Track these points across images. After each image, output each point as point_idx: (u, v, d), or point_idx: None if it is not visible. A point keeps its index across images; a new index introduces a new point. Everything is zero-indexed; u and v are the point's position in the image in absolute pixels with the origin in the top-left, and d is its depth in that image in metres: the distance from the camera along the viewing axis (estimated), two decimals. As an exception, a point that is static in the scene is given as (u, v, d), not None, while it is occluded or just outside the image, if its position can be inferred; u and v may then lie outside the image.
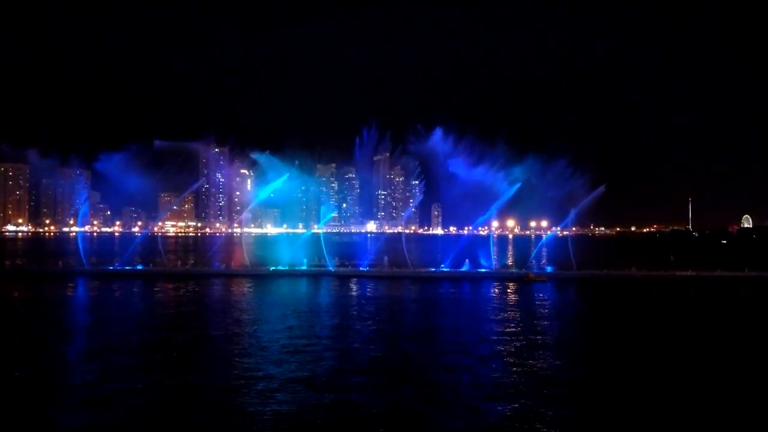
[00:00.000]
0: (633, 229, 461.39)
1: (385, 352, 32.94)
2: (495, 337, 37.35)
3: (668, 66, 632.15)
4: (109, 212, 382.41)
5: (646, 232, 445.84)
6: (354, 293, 60.84)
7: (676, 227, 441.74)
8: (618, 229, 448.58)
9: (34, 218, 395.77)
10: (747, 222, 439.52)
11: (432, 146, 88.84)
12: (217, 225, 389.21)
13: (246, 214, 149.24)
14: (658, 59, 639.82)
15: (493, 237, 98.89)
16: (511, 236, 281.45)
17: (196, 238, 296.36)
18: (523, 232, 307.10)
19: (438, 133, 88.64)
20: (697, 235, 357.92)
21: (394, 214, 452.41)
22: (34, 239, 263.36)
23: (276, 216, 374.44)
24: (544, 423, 21.60)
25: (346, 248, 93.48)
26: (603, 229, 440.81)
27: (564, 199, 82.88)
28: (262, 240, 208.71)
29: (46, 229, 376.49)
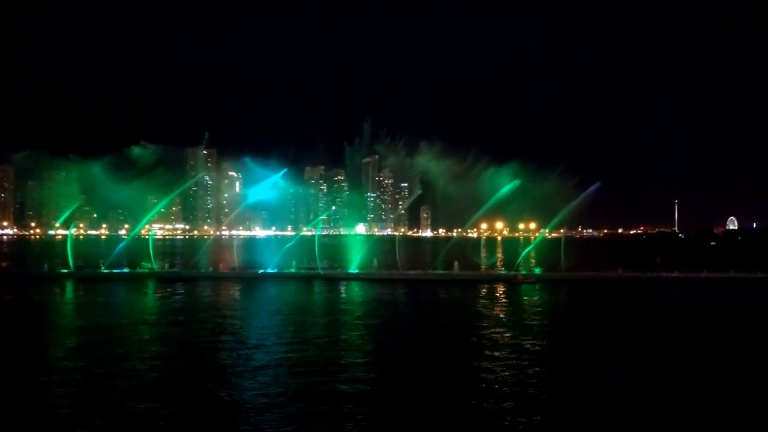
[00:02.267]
0: (620, 231, 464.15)
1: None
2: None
3: (655, 69, 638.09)
4: (95, 215, 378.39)
5: (633, 233, 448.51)
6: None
7: (662, 229, 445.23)
8: (605, 231, 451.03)
9: (20, 221, 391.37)
10: (732, 224, 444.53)
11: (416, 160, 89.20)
12: (205, 227, 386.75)
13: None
14: (645, 62, 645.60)
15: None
16: (499, 238, 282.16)
17: (184, 240, 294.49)
18: (512, 235, 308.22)
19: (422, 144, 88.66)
20: (683, 236, 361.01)
21: (383, 216, 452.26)
22: (20, 242, 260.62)
23: (264, 218, 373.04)
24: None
25: (335, 250, 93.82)
26: (590, 231, 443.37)
27: (552, 201, 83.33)
28: (251, 242, 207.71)
29: (32, 231, 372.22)
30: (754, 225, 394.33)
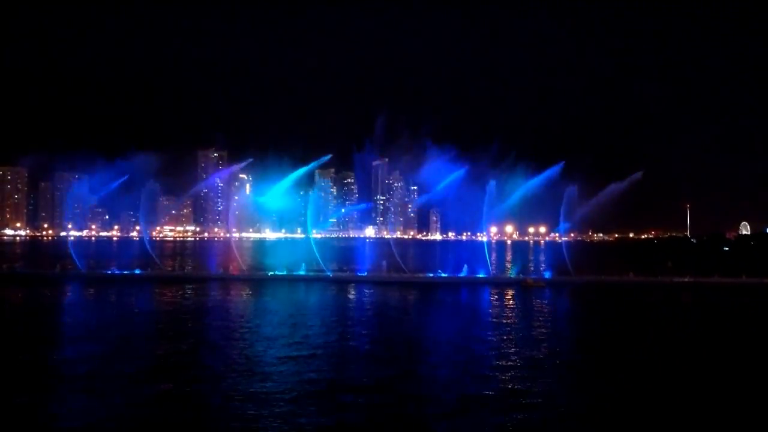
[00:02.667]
0: (631, 235, 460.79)
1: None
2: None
3: (666, 72, 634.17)
4: (107, 216, 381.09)
5: (645, 238, 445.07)
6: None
7: (674, 233, 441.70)
8: (616, 235, 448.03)
9: (32, 222, 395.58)
10: (745, 229, 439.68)
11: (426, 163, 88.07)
12: (216, 229, 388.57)
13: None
14: (657, 65, 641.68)
15: (491, 243, 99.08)
16: (509, 242, 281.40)
17: (194, 242, 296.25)
18: (521, 238, 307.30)
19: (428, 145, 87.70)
20: (695, 241, 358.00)
21: (392, 219, 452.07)
22: (32, 243, 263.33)
23: (274, 221, 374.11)
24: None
25: (345, 253, 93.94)
26: (601, 235, 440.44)
27: (560, 204, 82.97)
28: (260, 245, 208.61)
29: (45, 233, 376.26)
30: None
